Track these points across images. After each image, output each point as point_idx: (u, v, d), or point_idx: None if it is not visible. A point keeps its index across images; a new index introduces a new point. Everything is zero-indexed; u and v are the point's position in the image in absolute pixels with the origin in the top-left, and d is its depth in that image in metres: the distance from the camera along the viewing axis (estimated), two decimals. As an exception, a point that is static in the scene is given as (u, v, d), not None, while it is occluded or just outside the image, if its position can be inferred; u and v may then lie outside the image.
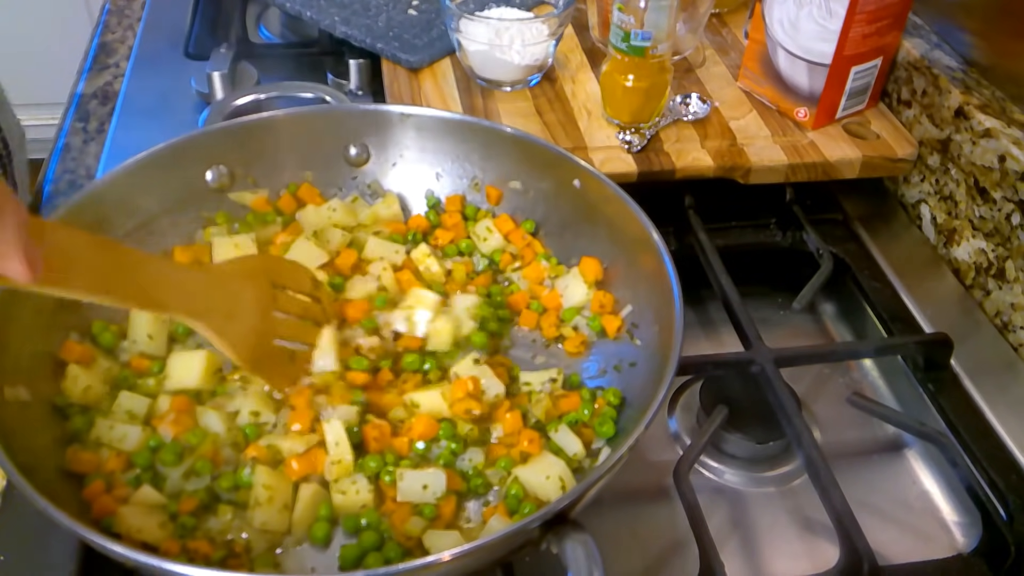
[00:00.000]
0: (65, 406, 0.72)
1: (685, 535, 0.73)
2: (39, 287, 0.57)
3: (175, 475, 0.70)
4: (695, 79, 1.12)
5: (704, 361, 0.87)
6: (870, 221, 1.04)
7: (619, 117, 1.02)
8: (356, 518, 0.68)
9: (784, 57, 1.02)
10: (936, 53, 1.03)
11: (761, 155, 1.00)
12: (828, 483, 0.75)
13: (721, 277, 0.92)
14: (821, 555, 0.78)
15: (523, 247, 0.88)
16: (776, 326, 0.98)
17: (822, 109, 1.02)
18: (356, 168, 0.91)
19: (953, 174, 0.98)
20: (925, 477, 0.85)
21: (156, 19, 1.35)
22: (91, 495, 0.67)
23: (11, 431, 0.64)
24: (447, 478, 0.69)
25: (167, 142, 0.84)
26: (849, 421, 0.89)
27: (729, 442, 0.84)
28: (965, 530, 0.81)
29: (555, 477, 0.69)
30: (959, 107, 0.96)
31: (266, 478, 0.68)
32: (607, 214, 0.82)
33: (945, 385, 0.86)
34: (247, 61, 1.23)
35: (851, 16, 0.94)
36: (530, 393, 0.78)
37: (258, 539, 0.67)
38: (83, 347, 0.75)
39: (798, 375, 0.90)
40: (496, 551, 0.61)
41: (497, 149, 0.88)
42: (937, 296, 0.96)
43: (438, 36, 1.14)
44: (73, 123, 1.13)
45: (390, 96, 1.08)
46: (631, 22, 0.94)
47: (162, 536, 0.65)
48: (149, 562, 0.56)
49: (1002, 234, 0.92)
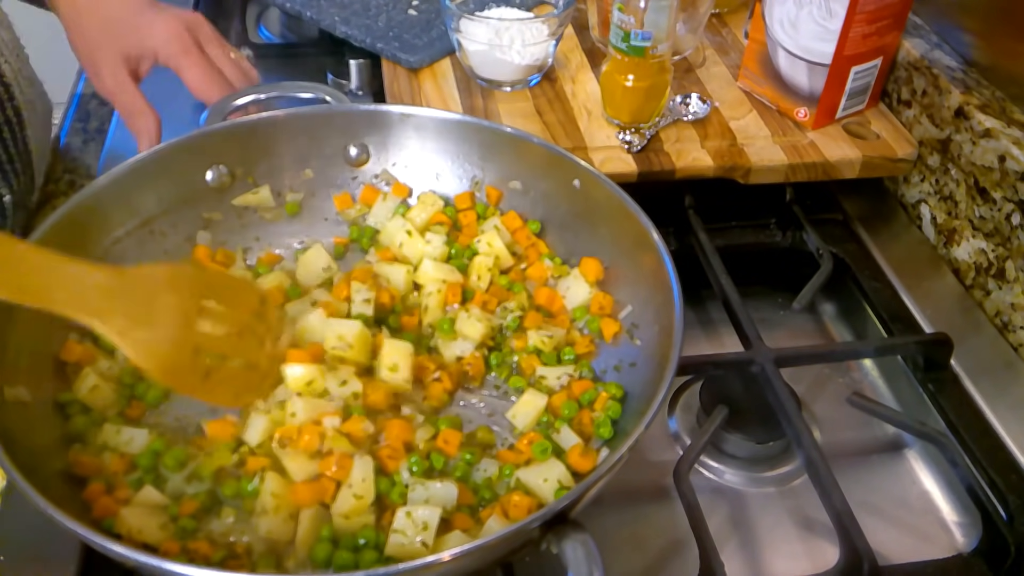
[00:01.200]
0: (67, 403, 0.72)
1: (685, 535, 0.73)
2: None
3: (177, 477, 0.70)
4: (695, 79, 1.12)
5: (704, 361, 0.87)
6: (870, 221, 1.04)
7: (619, 117, 1.02)
8: (355, 537, 0.67)
9: (784, 57, 1.02)
10: (936, 53, 1.03)
11: (761, 155, 1.00)
12: (828, 483, 0.75)
13: (721, 277, 0.92)
14: (821, 555, 0.78)
15: (527, 247, 0.88)
16: (776, 326, 0.98)
17: (822, 109, 1.02)
18: (356, 168, 0.91)
19: (953, 174, 0.98)
20: (925, 477, 0.85)
21: (156, 19, 1.35)
22: (92, 496, 0.67)
23: (11, 431, 0.64)
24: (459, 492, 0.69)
25: (167, 142, 0.84)
26: (849, 421, 0.89)
27: (729, 442, 0.84)
28: (965, 530, 0.81)
29: (553, 480, 0.69)
30: (959, 107, 0.96)
31: (275, 486, 0.68)
32: (607, 214, 0.82)
33: (945, 385, 0.86)
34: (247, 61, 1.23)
35: (851, 16, 0.94)
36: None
37: (259, 545, 0.67)
38: (83, 347, 0.75)
39: (798, 375, 0.90)
40: (496, 551, 0.61)
41: (497, 149, 0.88)
42: (937, 296, 0.96)
43: (438, 36, 1.15)
44: (73, 123, 1.13)
45: (390, 96, 1.08)
46: (631, 22, 0.94)
47: (162, 537, 0.65)
48: (149, 562, 0.56)
49: (1002, 234, 0.92)
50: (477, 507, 0.70)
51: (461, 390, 0.79)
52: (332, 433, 0.70)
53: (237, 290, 0.75)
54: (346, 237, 0.90)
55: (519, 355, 0.81)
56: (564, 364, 0.80)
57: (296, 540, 0.67)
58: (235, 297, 0.74)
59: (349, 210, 0.91)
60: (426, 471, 0.71)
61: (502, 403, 0.78)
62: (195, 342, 0.69)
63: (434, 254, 0.86)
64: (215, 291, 0.72)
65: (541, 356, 0.80)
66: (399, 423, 0.73)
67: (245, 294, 0.75)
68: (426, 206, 0.89)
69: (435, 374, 0.78)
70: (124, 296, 0.65)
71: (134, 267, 0.68)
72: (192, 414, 0.76)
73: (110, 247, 0.79)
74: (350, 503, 0.67)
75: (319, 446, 0.70)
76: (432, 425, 0.75)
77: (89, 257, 0.77)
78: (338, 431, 0.71)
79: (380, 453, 0.71)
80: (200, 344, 0.69)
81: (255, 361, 0.73)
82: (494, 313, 0.83)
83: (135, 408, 0.75)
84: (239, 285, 0.77)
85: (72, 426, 0.71)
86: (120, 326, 0.64)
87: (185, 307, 0.69)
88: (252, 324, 0.74)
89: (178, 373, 0.68)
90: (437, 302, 0.82)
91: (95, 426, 0.72)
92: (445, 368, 0.79)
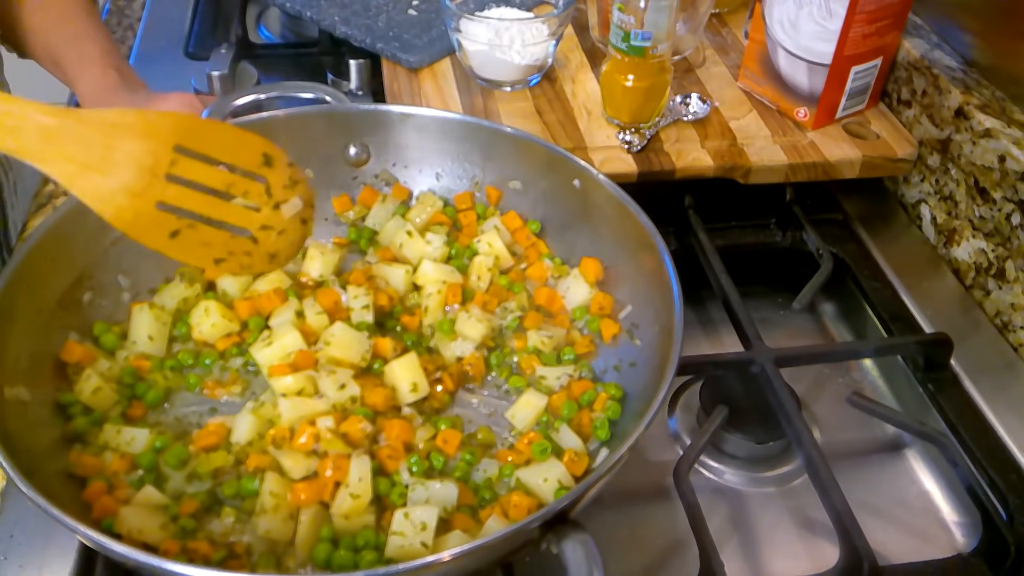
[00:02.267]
0: (69, 404, 0.72)
1: (685, 535, 0.73)
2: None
3: (178, 477, 0.70)
4: (695, 79, 1.12)
5: (704, 361, 0.87)
6: (870, 221, 1.04)
7: (619, 117, 1.02)
8: (354, 537, 0.67)
9: (784, 57, 1.02)
10: (936, 53, 1.03)
11: (761, 155, 1.00)
12: (828, 483, 0.75)
13: (721, 277, 0.92)
14: (821, 555, 0.78)
15: (527, 247, 0.88)
16: (776, 326, 0.98)
17: (822, 109, 1.02)
18: (356, 168, 0.91)
19: (953, 174, 0.98)
20: (925, 477, 0.85)
21: (156, 19, 1.35)
22: (92, 496, 0.67)
23: (11, 431, 0.64)
24: (459, 492, 0.69)
25: (167, 142, 0.84)
26: (849, 421, 0.89)
27: (729, 442, 0.84)
28: (965, 530, 0.81)
29: (553, 480, 0.69)
30: (959, 107, 0.96)
31: (274, 486, 0.68)
32: (607, 214, 0.82)
33: (945, 385, 0.86)
34: (247, 61, 1.23)
35: (851, 16, 0.94)
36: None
37: (259, 544, 0.67)
38: (83, 347, 0.75)
39: (798, 375, 0.90)
40: (496, 551, 0.61)
41: (497, 149, 0.88)
42: (937, 296, 0.96)
43: (438, 36, 1.15)
44: (73, 123, 1.12)
45: (390, 96, 1.08)
46: (631, 22, 0.94)
47: (163, 537, 0.65)
48: (149, 562, 0.56)
49: (1002, 234, 0.92)
50: (477, 507, 0.70)
51: (461, 390, 0.79)
52: (328, 435, 0.70)
53: (232, 143, 0.68)
54: (345, 238, 0.90)
55: (519, 355, 0.81)
56: (564, 364, 0.80)
57: (296, 540, 0.67)
58: (228, 150, 0.68)
59: (348, 212, 0.91)
60: (426, 471, 0.71)
61: (502, 403, 0.78)
62: (160, 195, 0.64)
63: (434, 254, 0.86)
64: (202, 142, 0.66)
65: (541, 356, 0.80)
66: (399, 423, 0.73)
67: (243, 149, 0.69)
68: (426, 206, 0.89)
69: (435, 374, 0.78)
70: (73, 140, 0.61)
71: (93, 111, 0.64)
72: (193, 414, 0.76)
73: (109, 247, 0.79)
74: (348, 503, 0.67)
75: (315, 446, 0.70)
76: (432, 425, 0.75)
77: (90, 257, 0.78)
78: (334, 432, 0.71)
79: (380, 453, 0.71)
80: (167, 198, 0.65)
81: (244, 225, 0.69)
82: (494, 313, 0.83)
83: (136, 408, 0.75)
84: (236, 137, 0.69)
85: (73, 427, 0.71)
86: (66, 170, 0.61)
87: (155, 156, 0.64)
88: (244, 184, 0.68)
89: (138, 225, 0.64)
90: (437, 303, 0.82)
91: (96, 426, 0.72)
92: (445, 368, 0.79)
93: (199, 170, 0.66)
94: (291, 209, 0.71)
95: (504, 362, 0.81)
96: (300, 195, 0.72)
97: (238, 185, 0.68)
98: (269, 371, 0.75)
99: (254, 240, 0.70)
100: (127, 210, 0.63)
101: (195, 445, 0.72)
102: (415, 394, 0.76)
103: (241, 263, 0.70)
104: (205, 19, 1.36)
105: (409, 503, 0.68)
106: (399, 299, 0.84)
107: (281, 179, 0.70)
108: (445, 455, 0.73)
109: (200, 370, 0.79)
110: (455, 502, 0.68)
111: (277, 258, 0.71)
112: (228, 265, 0.69)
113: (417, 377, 0.76)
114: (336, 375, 0.74)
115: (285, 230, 0.71)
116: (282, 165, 0.70)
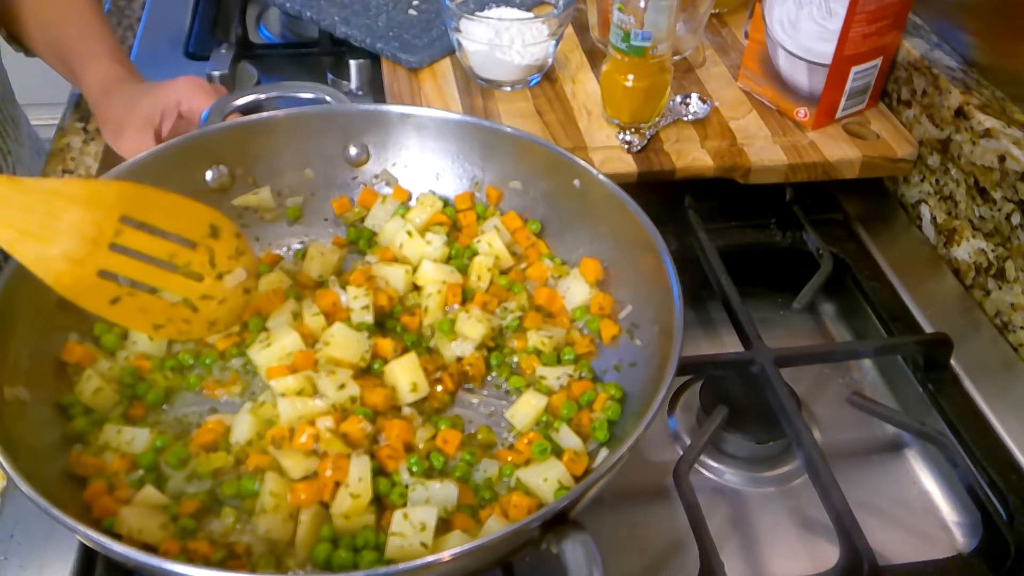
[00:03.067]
0: (69, 405, 0.72)
1: (685, 535, 0.73)
2: None
3: (178, 477, 0.70)
4: (695, 79, 1.12)
5: (704, 361, 0.87)
6: (870, 221, 1.04)
7: (619, 117, 1.02)
8: (354, 537, 0.67)
9: (784, 57, 1.02)
10: (936, 53, 1.03)
11: (761, 155, 1.00)
12: (828, 483, 0.75)
13: (721, 277, 0.92)
14: (821, 555, 0.78)
15: (527, 247, 0.88)
16: (776, 326, 0.98)
17: (822, 109, 1.02)
18: (356, 168, 0.91)
19: (953, 174, 0.98)
20: (925, 477, 0.85)
21: (156, 19, 1.35)
22: (92, 496, 0.67)
23: (11, 431, 0.64)
24: (459, 492, 0.69)
25: (167, 142, 0.84)
26: (849, 421, 0.89)
27: (729, 442, 0.84)
28: (965, 530, 0.81)
29: (553, 480, 0.69)
30: (959, 107, 0.96)
31: (274, 486, 0.68)
32: (607, 214, 0.82)
33: (945, 385, 0.86)
34: (247, 61, 1.23)
35: (851, 16, 0.94)
36: None
37: (259, 544, 0.67)
38: (84, 348, 0.75)
39: (798, 375, 0.90)
40: (496, 551, 0.61)
41: (497, 149, 0.88)
42: (937, 296, 0.96)
43: (438, 36, 1.15)
44: (73, 123, 1.13)
45: (390, 96, 1.08)
46: (631, 22, 0.94)
47: (163, 537, 0.65)
48: (148, 562, 0.56)
49: (1002, 234, 0.92)
50: (477, 507, 0.70)
51: (461, 390, 0.79)
52: (327, 435, 0.70)
53: (179, 213, 0.70)
54: (345, 238, 0.90)
55: (519, 355, 0.81)
56: (564, 364, 0.80)
57: (296, 540, 0.67)
58: (175, 220, 0.69)
59: (347, 213, 0.91)
60: (426, 471, 0.71)
61: (502, 403, 0.78)
62: (102, 264, 0.66)
63: (434, 254, 0.86)
64: (148, 212, 0.68)
65: (541, 356, 0.80)
66: (399, 423, 0.73)
67: (190, 219, 0.70)
68: (426, 206, 0.89)
69: (435, 375, 0.78)
70: (14, 207, 0.63)
71: (36, 180, 0.66)
72: (193, 414, 0.76)
73: (110, 247, 0.79)
74: (348, 503, 0.67)
75: (314, 446, 0.70)
76: (432, 425, 0.75)
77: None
78: (333, 432, 0.71)
79: (380, 453, 0.71)
80: (109, 266, 0.67)
81: (184, 294, 0.70)
82: (494, 313, 0.83)
83: (136, 408, 0.75)
84: (183, 208, 0.70)
85: (73, 427, 0.71)
86: (4, 236, 0.62)
87: (99, 226, 0.66)
88: (187, 254, 0.70)
89: (77, 290, 0.66)
90: (437, 303, 0.82)
91: (96, 427, 0.72)
92: (445, 368, 0.79)
93: (143, 241, 0.68)
94: (234, 280, 0.73)
95: (504, 362, 0.81)
96: (244, 265, 0.74)
97: (180, 255, 0.70)
98: (267, 372, 0.75)
99: (194, 308, 0.72)
100: (67, 275, 0.65)
101: (194, 443, 0.72)
102: (415, 394, 0.76)
103: (180, 329, 0.72)
104: (205, 19, 1.36)
105: (409, 503, 0.68)
106: (399, 299, 0.84)
107: (227, 250, 0.72)
108: (445, 455, 0.73)
109: (200, 370, 0.78)
110: (455, 502, 0.68)
111: (216, 325, 0.74)
112: (166, 331, 0.72)
113: (417, 377, 0.76)
114: (336, 375, 0.74)
115: (226, 299, 0.73)
116: (229, 235, 0.72)
